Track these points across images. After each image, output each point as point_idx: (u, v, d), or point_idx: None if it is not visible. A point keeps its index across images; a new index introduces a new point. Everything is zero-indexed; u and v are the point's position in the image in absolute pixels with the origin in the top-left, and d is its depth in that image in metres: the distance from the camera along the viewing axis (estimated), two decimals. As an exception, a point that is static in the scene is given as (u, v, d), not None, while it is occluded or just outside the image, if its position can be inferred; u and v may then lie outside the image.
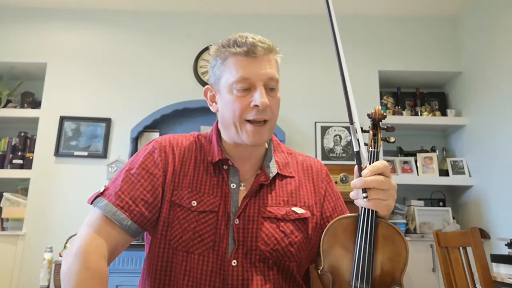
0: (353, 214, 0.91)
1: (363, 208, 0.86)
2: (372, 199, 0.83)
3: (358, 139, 0.83)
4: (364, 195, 0.83)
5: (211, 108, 1.02)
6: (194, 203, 0.93)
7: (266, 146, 1.06)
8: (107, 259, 0.86)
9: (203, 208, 0.92)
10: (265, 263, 0.92)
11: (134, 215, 0.90)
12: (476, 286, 1.81)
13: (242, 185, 0.98)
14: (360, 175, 0.84)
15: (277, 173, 1.01)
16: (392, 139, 0.96)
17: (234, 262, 0.90)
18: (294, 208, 0.97)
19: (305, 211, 0.98)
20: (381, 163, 0.83)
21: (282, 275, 0.94)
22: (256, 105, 0.91)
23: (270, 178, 0.98)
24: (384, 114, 0.96)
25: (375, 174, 0.82)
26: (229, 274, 0.89)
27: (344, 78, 0.82)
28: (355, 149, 0.84)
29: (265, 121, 0.94)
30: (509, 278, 1.90)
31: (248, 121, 0.93)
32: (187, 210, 0.92)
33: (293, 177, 1.03)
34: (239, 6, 3.33)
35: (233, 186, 0.97)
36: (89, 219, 0.90)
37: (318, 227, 1.00)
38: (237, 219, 0.93)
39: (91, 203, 0.92)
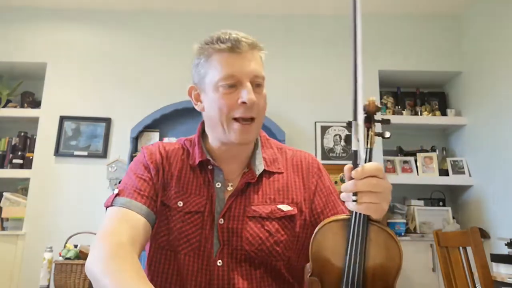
0: (344, 216, 0.86)
1: (354, 211, 0.80)
2: (363, 203, 0.75)
3: (358, 138, 0.76)
4: (354, 198, 0.75)
5: (196, 107, 1.01)
6: (180, 203, 0.93)
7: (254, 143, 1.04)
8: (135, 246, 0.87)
9: (189, 209, 0.93)
10: (251, 262, 0.91)
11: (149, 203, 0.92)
12: (476, 286, 1.80)
13: (230, 185, 0.97)
14: (351, 177, 0.76)
15: (264, 170, 0.98)
16: (387, 134, 0.84)
17: (219, 262, 0.90)
18: (280, 206, 0.95)
19: (291, 208, 0.96)
20: (373, 164, 0.75)
21: (269, 274, 0.93)
22: (243, 102, 0.89)
23: (257, 176, 0.97)
24: (379, 106, 0.85)
25: (367, 177, 0.74)
26: (215, 274, 0.89)
27: (356, 69, 0.74)
28: (353, 148, 0.77)
29: (252, 119, 0.92)
30: (509, 278, 1.90)
31: (235, 119, 0.91)
32: (174, 210, 0.93)
33: (282, 173, 1.00)
34: (239, 6, 3.33)
35: (218, 185, 0.96)
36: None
37: (308, 224, 0.97)
38: (222, 219, 0.92)
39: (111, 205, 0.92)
